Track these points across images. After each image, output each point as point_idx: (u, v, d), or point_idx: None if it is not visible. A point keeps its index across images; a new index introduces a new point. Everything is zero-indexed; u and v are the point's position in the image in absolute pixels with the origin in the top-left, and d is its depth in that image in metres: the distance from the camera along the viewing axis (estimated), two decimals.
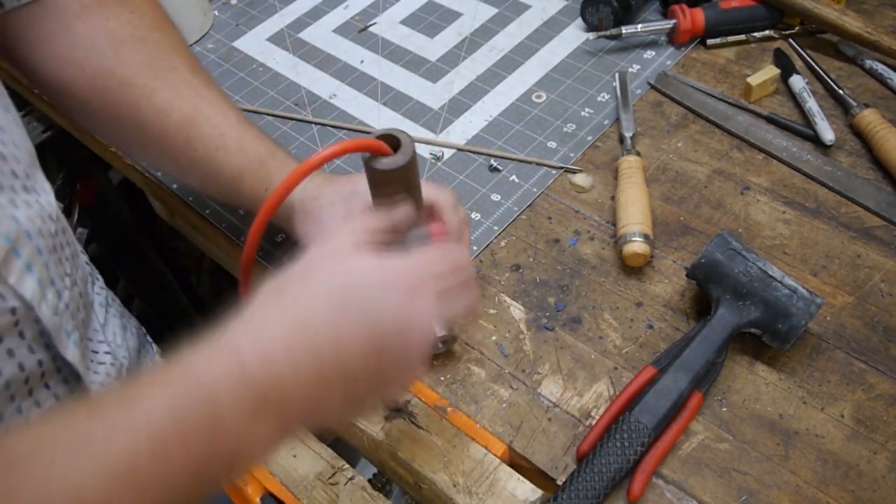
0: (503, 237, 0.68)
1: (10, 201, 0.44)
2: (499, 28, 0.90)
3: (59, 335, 0.47)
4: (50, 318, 0.46)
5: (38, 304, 0.44)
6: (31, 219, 0.45)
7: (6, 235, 0.42)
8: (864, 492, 0.51)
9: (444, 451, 0.55)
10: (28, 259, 0.44)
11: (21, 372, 0.44)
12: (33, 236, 0.45)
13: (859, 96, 0.74)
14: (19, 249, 0.43)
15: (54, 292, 0.47)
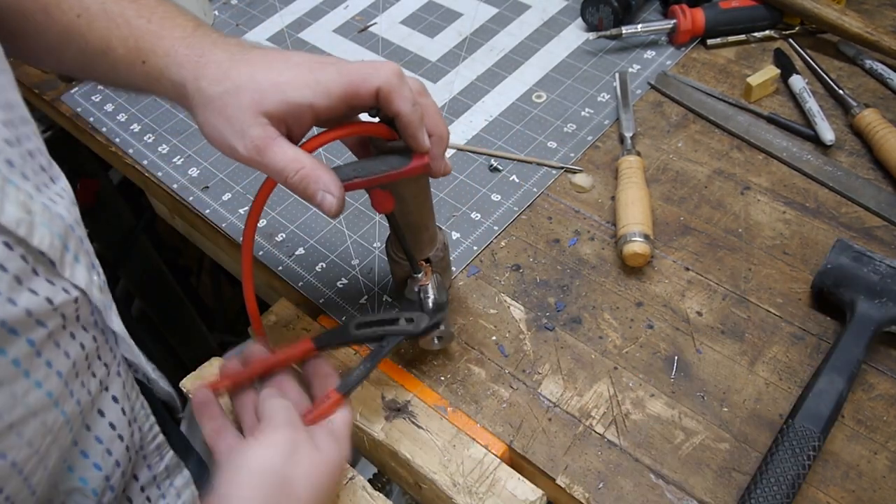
0: (503, 237, 0.68)
1: (49, 199, 0.46)
2: (499, 28, 0.90)
3: (107, 311, 0.51)
4: (100, 298, 0.49)
5: (90, 289, 0.48)
6: (69, 210, 0.48)
7: (58, 234, 0.45)
8: (865, 492, 0.51)
9: (444, 451, 0.55)
10: (75, 250, 0.47)
11: (82, 350, 0.48)
12: (75, 227, 0.48)
13: (859, 96, 0.74)
14: (68, 244, 0.46)
15: (96, 273, 0.51)
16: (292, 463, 0.46)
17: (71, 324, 0.46)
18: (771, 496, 0.49)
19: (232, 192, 0.76)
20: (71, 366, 0.46)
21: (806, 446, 0.50)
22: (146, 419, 0.58)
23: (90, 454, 0.50)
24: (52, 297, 0.44)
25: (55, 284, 0.44)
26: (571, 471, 0.53)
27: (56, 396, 0.45)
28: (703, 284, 0.63)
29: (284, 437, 0.47)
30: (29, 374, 0.43)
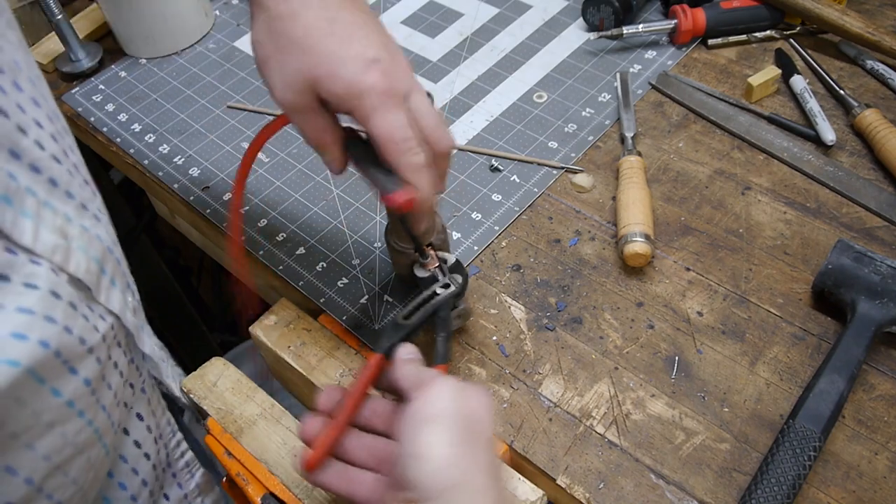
0: (504, 237, 0.68)
1: (94, 216, 0.45)
2: (500, 28, 0.90)
3: (138, 334, 0.50)
4: (132, 322, 0.49)
5: (123, 313, 0.47)
6: (108, 230, 0.47)
7: (95, 258, 0.44)
8: (865, 492, 0.51)
9: None
10: (112, 273, 0.46)
11: (121, 378, 0.47)
12: (112, 249, 0.47)
13: (860, 97, 0.74)
14: (105, 267, 0.45)
15: (131, 293, 0.50)
16: (463, 401, 0.43)
17: (114, 351, 0.46)
18: (771, 496, 0.49)
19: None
20: (113, 397, 0.46)
21: (806, 446, 0.50)
22: (172, 435, 0.58)
23: (115, 473, 0.50)
24: (97, 325, 0.43)
25: (94, 311, 0.43)
26: (572, 471, 0.53)
27: (101, 432, 0.44)
28: (703, 285, 0.63)
29: (448, 383, 0.44)
30: (83, 414, 0.42)
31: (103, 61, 0.92)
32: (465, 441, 0.41)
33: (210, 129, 0.83)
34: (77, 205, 0.44)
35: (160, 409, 0.56)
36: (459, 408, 0.43)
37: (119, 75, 0.91)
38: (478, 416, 0.43)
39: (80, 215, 0.44)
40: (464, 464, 0.40)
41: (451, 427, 0.41)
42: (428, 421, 0.42)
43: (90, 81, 0.90)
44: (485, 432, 0.43)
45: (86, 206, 0.45)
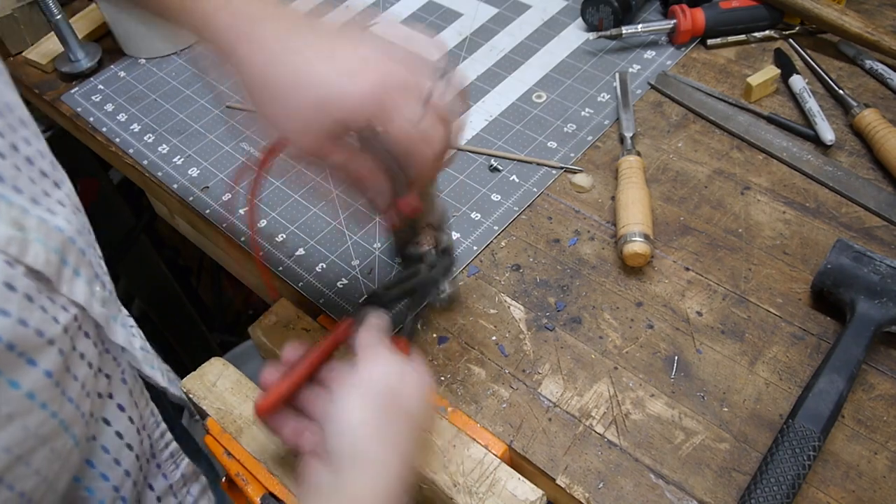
0: (503, 237, 0.68)
1: (48, 209, 0.45)
2: (499, 28, 0.90)
3: (108, 324, 0.50)
4: (100, 312, 0.48)
5: (89, 304, 0.46)
6: (69, 220, 0.46)
7: (55, 249, 0.43)
8: (865, 492, 0.51)
9: (444, 451, 0.55)
10: (75, 264, 0.45)
11: (90, 369, 0.47)
12: (75, 239, 0.46)
13: (859, 96, 0.74)
14: (66, 257, 0.45)
15: (99, 284, 0.49)
16: (402, 381, 0.46)
17: (79, 342, 0.45)
18: (771, 496, 0.49)
19: (232, 192, 0.76)
20: (80, 388, 0.45)
21: (806, 446, 0.50)
22: (156, 426, 0.58)
23: (97, 464, 0.50)
24: (57, 316, 0.43)
25: (55, 302, 0.43)
26: (571, 471, 0.53)
27: (68, 423, 0.44)
28: (703, 284, 0.63)
29: (390, 358, 0.47)
30: (47, 406, 0.42)
31: (102, 61, 0.92)
32: (382, 414, 0.44)
33: (209, 129, 0.83)
34: (28, 198, 0.43)
35: (143, 400, 0.56)
36: (389, 382, 0.46)
37: (118, 75, 0.91)
38: (405, 393, 0.46)
39: (35, 207, 0.43)
40: (372, 433, 0.43)
41: (372, 397, 0.44)
42: (353, 386, 0.45)
43: (89, 81, 0.90)
44: (409, 410, 0.46)
45: (38, 200, 0.44)
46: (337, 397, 0.45)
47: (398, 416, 0.45)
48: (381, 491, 0.42)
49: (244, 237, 0.72)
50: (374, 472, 0.43)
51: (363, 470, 0.43)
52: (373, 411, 0.44)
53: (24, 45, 0.95)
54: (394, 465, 0.43)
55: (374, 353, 0.47)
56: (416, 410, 0.46)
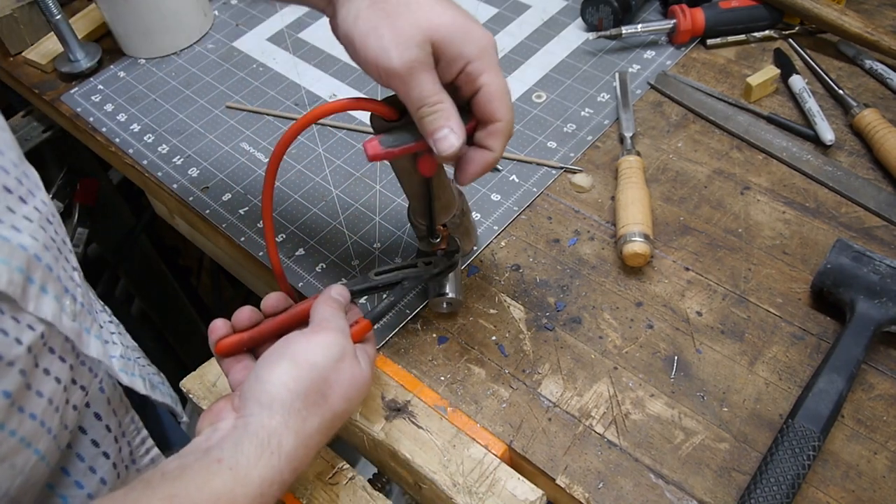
0: (503, 237, 0.68)
1: (11, 227, 0.44)
2: (499, 28, 0.89)
3: (80, 338, 0.49)
4: (71, 327, 0.47)
5: (58, 320, 0.46)
6: (35, 236, 0.45)
7: (18, 267, 0.42)
8: (864, 492, 0.51)
9: (443, 451, 0.55)
10: (41, 281, 0.45)
11: (58, 384, 0.46)
12: (41, 256, 0.45)
13: (859, 96, 0.74)
14: (32, 276, 0.44)
15: (70, 298, 0.48)
16: (336, 368, 0.45)
17: (43, 359, 0.45)
18: (771, 496, 0.49)
19: (232, 192, 0.76)
20: (47, 403, 0.45)
21: (806, 446, 0.50)
22: (136, 433, 0.57)
23: (71, 472, 0.49)
24: (20, 336, 0.42)
25: (20, 322, 0.42)
26: (571, 471, 0.53)
27: (29, 439, 0.43)
28: (702, 284, 0.63)
29: (335, 340, 0.46)
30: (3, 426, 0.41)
31: (102, 61, 0.92)
32: (304, 390, 0.43)
33: (209, 129, 0.83)
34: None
35: (122, 407, 0.55)
36: (324, 369, 0.45)
37: (118, 75, 0.91)
38: (333, 381, 0.45)
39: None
40: (286, 397, 0.43)
41: (302, 370, 0.44)
42: (287, 354, 0.44)
43: (89, 81, 0.90)
44: (330, 400, 0.45)
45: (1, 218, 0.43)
46: (271, 357, 0.45)
47: (317, 400, 0.44)
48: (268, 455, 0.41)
49: (244, 237, 0.72)
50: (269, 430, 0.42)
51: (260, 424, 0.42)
52: (296, 382, 0.43)
53: (24, 45, 0.95)
54: (290, 439, 0.42)
55: (323, 328, 0.47)
56: (337, 403, 0.45)
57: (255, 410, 0.42)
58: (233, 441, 0.41)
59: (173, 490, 0.37)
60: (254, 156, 0.79)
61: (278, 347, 0.45)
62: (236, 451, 0.40)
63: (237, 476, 0.39)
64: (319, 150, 0.78)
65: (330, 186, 0.75)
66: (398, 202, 0.72)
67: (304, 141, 0.80)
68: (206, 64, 0.91)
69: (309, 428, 0.43)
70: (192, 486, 0.38)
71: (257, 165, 0.78)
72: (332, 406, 0.45)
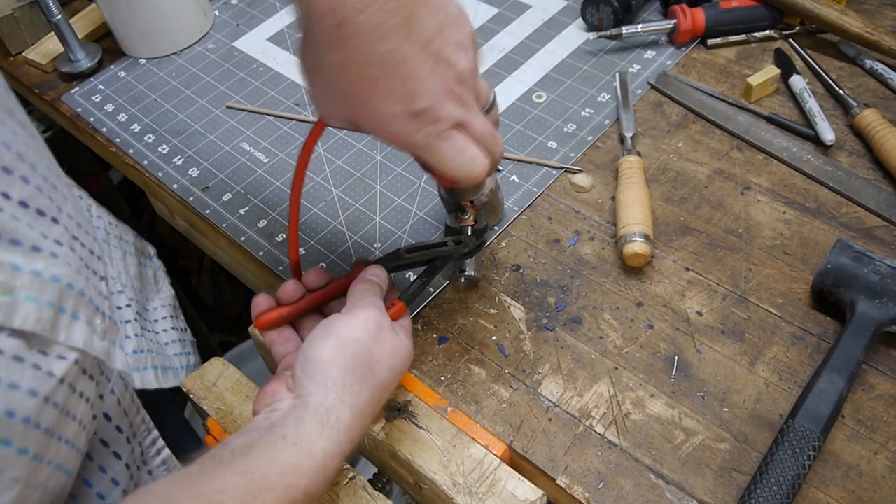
0: (503, 237, 0.68)
1: (51, 254, 0.44)
2: (499, 28, 0.90)
3: (109, 355, 0.49)
4: (100, 347, 0.48)
5: (89, 344, 0.46)
6: (69, 262, 0.45)
7: (49, 302, 0.42)
8: (865, 492, 0.51)
9: (444, 451, 0.55)
10: (73, 308, 0.45)
11: (87, 403, 0.47)
12: (75, 283, 0.45)
13: (860, 96, 0.74)
14: (64, 305, 0.44)
15: (100, 316, 0.48)
16: (377, 341, 0.48)
17: (79, 384, 0.45)
18: (771, 496, 0.49)
19: (232, 192, 0.76)
20: (78, 426, 0.45)
21: (806, 446, 0.50)
22: (147, 434, 0.57)
23: (82, 473, 0.49)
24: (52, 369, 0.42)
25: (49, 354, 0.42)
26: (571, 471, 0.53)
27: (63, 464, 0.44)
28: (703, 284, 0.63)
29: (373, 316, 0.48)
30: (51, 462, 0.42)
31: (102, 61, 0.92)
32: (351, 366, 0.46)
33: (209, 129, 0.83)
34: (28, 248, 0.42)
35: (133, 408, 0.55)
36: (367, 343, 0.47)
37: (118, 75, 0.91)
38: (377, 354, 0.47)
39: (30, 260, 0.42)
40: (337, 375, 0.45)
41: (346, 346, 0.46)
42: (334, 337, 0.47)
43: (89, 81, 0.90)
44: (377, 372, 0.47)
45: (38, 246, 0.43)
46: (313, 340, 0.47)
47: (365, 374, 0.46)
48: (328, 430, 0.43)
49: (244, 237, 0.72)
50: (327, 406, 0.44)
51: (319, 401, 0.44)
52: (343, 359, 0.46)
53: (24, 45, 0.95)
54: (347, 413, 0.44)
55: (361, 306, 0.49)
56: (383, 374, 0.48)
57: (312, 389, 0.44)
58: (295, 418, 0.43)
59: (245, 466, 0.39)
60: (254, 156, 0.79)
61: (321, 328, 0.48)
62: (299, 427, 0.42)
63: (302, 450, 0.42)
64: (320, 150, 0.78)
65: (330, 186, 0.75)
66: (398, 202, 0.72)
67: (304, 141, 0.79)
68: (207, 64, 0.91)
69: (362, 401, 0.46)
70: (262, 461, 0.40)
71: (257, 165, 0.78)
72: (380, 378, 0.47)
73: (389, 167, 0.76)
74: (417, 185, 0.73)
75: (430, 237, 0.69)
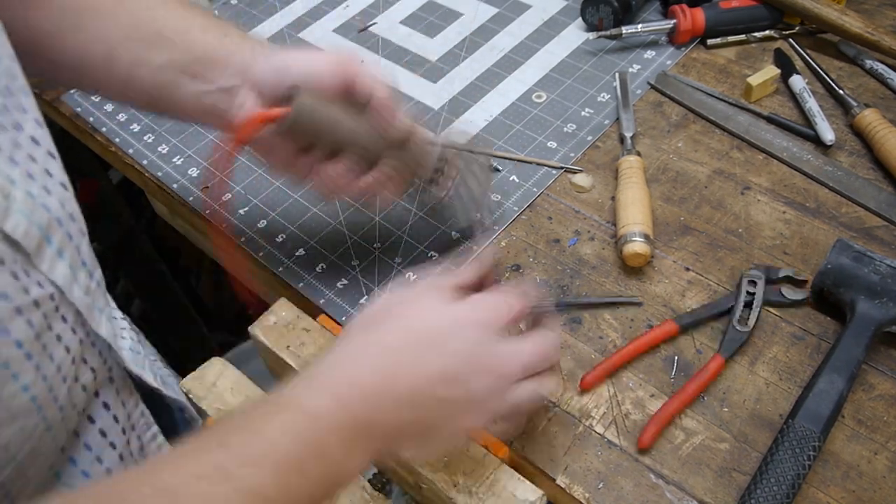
0: (503, 237, 0.68)
1: (43, 188, 0.45)
2: (499, 28, 0.89)
3: (91, 314, 0.49)
4: (81, 299, 0.47)
5: (69, 288, 0.46)
6: (64, 204, 0.46)
7: (38, 225, 0.43)
8: (865, 492, 0.51)
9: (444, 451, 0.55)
10: (59, 245, 0.45)
11: (67, 354, 0.46)
12: (63, 222, 0.46)
13: (859, 96, 0.74)
14: (51, 237, 0.44)
15: (86, 272, 0.49)
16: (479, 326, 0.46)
17: (55, 324, 0.44)
18: (771, 496, 0.49)
19: (232, 192, 0.76)
20: (56, 370, 0.45)
21: (806, 446, 0.50)
22: (147, 428, 0.57)
23: (78, 461, 0.49)
24: (28, 287, 0.42)
25: (29, 276, 0.42)
26: (571, 471, 0.53)
27: (39, 401, 0.43)
28: (703, 284, 0.63)
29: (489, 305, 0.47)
30: (18, 378, 0.41)
31: None
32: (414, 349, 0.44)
33: (209, 128, 0.82)
34: (22, 172, 0.43)
35: (132, 400, 0.55)
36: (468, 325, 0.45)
37: None
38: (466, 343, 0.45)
39: (26, 182, 0.43)
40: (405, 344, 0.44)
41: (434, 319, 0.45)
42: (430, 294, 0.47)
43: None
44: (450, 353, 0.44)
45: (34, 176, 0.44)
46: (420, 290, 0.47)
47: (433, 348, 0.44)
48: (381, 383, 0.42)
49: (244, 237, 0.72)
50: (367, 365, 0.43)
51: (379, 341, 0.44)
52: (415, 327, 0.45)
53: None
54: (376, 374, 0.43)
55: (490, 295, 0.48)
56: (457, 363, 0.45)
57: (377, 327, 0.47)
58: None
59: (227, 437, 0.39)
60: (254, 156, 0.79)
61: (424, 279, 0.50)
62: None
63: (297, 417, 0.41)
64: None
65: None
66: (398, 202, 0.72)
67: None
68: None
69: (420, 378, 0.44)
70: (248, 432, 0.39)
71: (257, 165, 0.78)
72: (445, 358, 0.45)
73: None
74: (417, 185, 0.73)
75: (431, 237, 0.69)
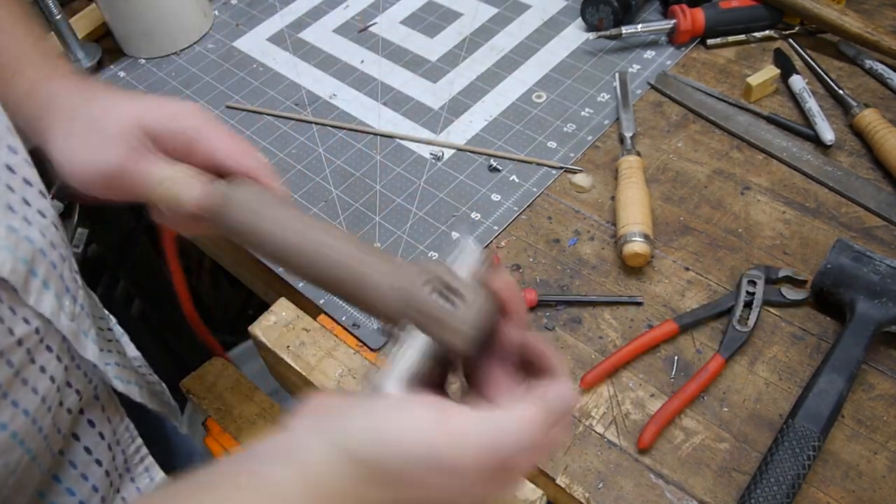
0: (503, 237, 0.68)
1: (23, 219, 0.44)
2: (499, 28, 0.90)
3: (77, 339, 0.48)
4: (68, 326, 0.47)
5: (56, 318, 0.45)
6: (44, 233, 0.45)
7: (23, 259, 0.42)
8: (865, 492, 0.51)
9: None
10: (44, 276, 0.45)
11: (52, 383, 0.46)
12: (47, 252, 0.45)
13: (859, 96, 0.74)
14: (36, 269, 0.44)
15: (70, 298, 0.48)
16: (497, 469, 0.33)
17: (40, 356, 0.44)
18: (771, 496, 0.49)
19: None
20: (40, 402, 0.44)
21: (806, 446, 0.50)
22: (131, 441, 0.57)
23: (63, 479, 0.49)
24: (13, 327, 0.42)
25: (16, 314, 0.42)
26: (571, 471, 0.53)
27: (21, 436, 0.43)
28: (703, 284, 0.63)
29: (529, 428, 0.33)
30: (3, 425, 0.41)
31: (102, 61, 0.92)
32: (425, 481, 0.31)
33: None
34: (1, 205, 0.42)
35: (117, 415, 0.55)
36: (485, 469, 0.32)
37: (118, 75, 0.91)
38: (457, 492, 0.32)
39: (6, 215, 0.42)
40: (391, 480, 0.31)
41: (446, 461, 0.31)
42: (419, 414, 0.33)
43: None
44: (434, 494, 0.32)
45: (14, 208, 0.43)
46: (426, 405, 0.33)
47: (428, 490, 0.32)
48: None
49: None
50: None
51: None
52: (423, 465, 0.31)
53: None
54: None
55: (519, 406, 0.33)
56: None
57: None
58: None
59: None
60: None
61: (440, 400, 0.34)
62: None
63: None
64: (319, 150, 0.78)
65: (330, 186, 0.75)
66: (398, 202, 0.72)
67: (304, 141, 0.79)
68: (206, 64, 0.91)
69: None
70: None
71: None
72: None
73: (389, 167, 0.76)
74: (417, 185, 0.73)
75: (431, 237, 0.69)
